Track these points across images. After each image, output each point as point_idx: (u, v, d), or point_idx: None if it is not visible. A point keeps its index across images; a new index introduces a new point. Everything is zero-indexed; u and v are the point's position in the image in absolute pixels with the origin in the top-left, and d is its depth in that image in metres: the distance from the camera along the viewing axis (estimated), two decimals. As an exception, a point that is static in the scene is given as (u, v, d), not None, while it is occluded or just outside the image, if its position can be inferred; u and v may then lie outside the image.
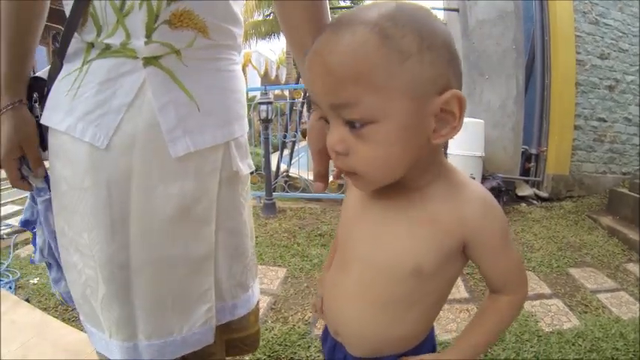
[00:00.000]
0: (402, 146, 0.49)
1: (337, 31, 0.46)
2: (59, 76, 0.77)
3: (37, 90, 0.84)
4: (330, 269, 0.78)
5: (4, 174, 0.85)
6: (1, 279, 2.22)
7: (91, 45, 0.74)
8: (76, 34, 0.75)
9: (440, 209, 0.56)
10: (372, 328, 0.63)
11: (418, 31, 0.45)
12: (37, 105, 0.83)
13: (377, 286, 0.60)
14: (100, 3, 0.71)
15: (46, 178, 0.84)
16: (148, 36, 0.71)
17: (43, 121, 0.78)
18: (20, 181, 0.84)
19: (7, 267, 2.38)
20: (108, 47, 0.72)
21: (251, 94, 6.84)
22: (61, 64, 0.78)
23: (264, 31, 18.89)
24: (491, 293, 0.63)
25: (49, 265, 0.93)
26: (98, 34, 0.73)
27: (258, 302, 1.05)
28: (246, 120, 0.90)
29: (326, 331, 0.77)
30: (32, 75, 0.85)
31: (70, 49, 0.77)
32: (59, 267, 0.89)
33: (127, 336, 0.79)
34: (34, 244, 0.93)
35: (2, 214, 3.14)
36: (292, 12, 0.74)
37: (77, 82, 0.74)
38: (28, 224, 0.91)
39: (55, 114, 0.76)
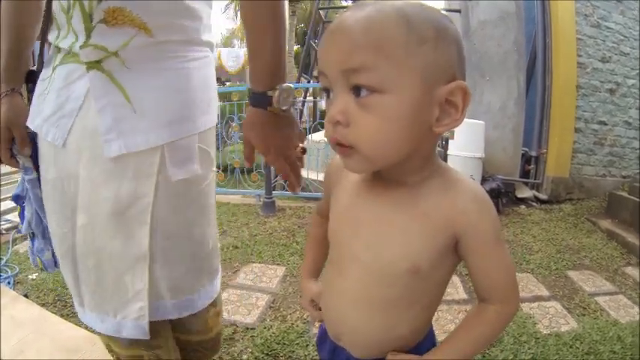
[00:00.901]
0: (403, 124, 0.49)
1: (363, 7, 0.49)
2: (39, 78, 0.88)
3: (33, 81, 0.93)
4: (310, 274, 0.79)
5: (4, 169, 0.91)
6: (0, 274, 2.22)
7: (57, 49, 0.82)
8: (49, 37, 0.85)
9: (432, 205, 0.56)
10: (373, 329, 0.63)
11: (435, 25, 0.49)
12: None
13: (375, 287, 0.60)
14: (55, 5, 0.78)
15: (32, 158, 0.93)
16: (88, 35, 0.75)
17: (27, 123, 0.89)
18: (10, 159, 0.94)
19: (5, 262, 2.38)
20: (68, 52, 0.80)
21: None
22: (42, 64, 0.88)
23: (266, 29, 18.83)
24: (480, 302, 0.61)
25: (33, 237, 1.02)
26: (57, 36, 0.81)
27: (216, 306, 1.06)
28: (195, 122, 0.86)
29: (322, 334, 0.76)
30: (30, 68, 0.96)
31: (48, 50, 0.87)
32: (44, 238, 0.99)
33: (79, 302, 0.92)
34: (22, 217, 1.03)
35: (1, 209, 3.14)
36: (256, 12, 0.77)
37: (47, 87, 0.83)
38: (18, 199, 1.02)
39: (31, 115, 0.87)
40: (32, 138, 0.90)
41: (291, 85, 0.79)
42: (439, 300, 0.65)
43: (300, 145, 0.83)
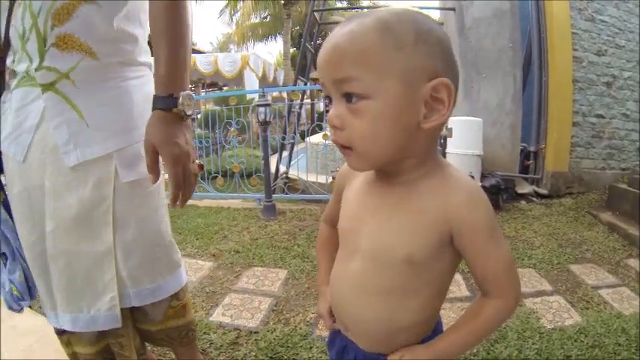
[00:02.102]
0: (390, 124, 0.53)
1: (349, 21, 0.55)
2: (0, 101, 0.99)
3: None
4: (326, 282, 0.80)
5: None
6: (2, 285, 2.21)
7: (14, 73, 0.93)
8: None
9: (427, 201, 0.59)
10: (374, 317, 0.65)
11: (416, 29, 0.52)
12: None
13: (373, 275, 0.64)
14: (12, 31, 0.89)
15: None
16: (42, 58, 0.87)
17: None
18: None
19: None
20: (23, 77, 0.91)
21: (249, 96, 6.87)
22: (3, 86, 0.98)
23: (262, 33, 18.95)
24: (482, 296, 0.64)
25: (4, 257, 1.08)
26: (13, 60, 0.92)
27: (179, 299, 1.16)
28: (136, 130, 0.96)
29: (332, 335, 0.79)
30: None
31: (6, 74, 0.97)
32: (14, 259, 1.05)
33: (51, 307, 1.01)
34: None
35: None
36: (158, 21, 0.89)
37: (6, 108, 0.96)
38: None
39: None
40: None
41: (192, 93, 0.88)
42: (442, 294, 0.67)
43: (197, 160, 0.89)
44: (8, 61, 0.93)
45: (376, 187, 0.64)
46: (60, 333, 1.08)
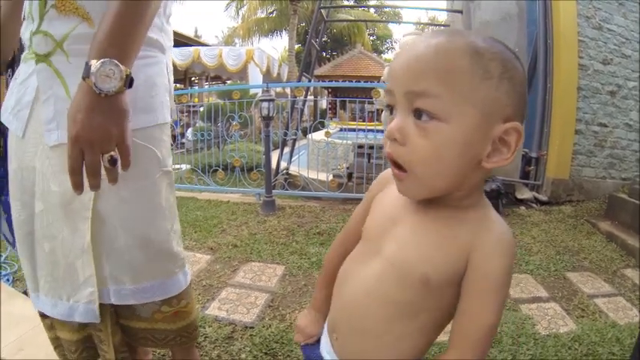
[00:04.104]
0: (457, 153, 0.51)
1: (435, 35, 0.52)
2: (14, 76, 0.96)
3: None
4: (319, 310, 0.79)
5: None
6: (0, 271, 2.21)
7: (21, 45, 0.92)
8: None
9: (462, 230, 0.57)
10: (371, 324, 0.63)
11: (503, 63, 0.51)
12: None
13: (389, 284, 0.61)
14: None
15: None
16: (41, 19, 0.82)
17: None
18: None
19: (4, 259, 2.38)
20: (28, 49, 0.88)
21: (252, 91, 6.86)
22: (21, 52, 0.95)
23: (267, 28, 18.94)
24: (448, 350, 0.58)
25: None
26: (25, 27, 0.88)
27: (171, 306, 1.08)
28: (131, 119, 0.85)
29: (306, 349, 0.79)
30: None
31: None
32: None
33: (33, 288, 1.00)
34: None
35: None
36: None
37: (14, 83, 0.93)
38: None
39: (2, 108, 0.96)
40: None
41: (122, 66, 0.69)
42: (434, 333, 0.64)
43: (112, 153, 0.71)
44: (21, 31, 0.90)
45: (421, 205, 0.61)
46: (43, 316, 1.04)
